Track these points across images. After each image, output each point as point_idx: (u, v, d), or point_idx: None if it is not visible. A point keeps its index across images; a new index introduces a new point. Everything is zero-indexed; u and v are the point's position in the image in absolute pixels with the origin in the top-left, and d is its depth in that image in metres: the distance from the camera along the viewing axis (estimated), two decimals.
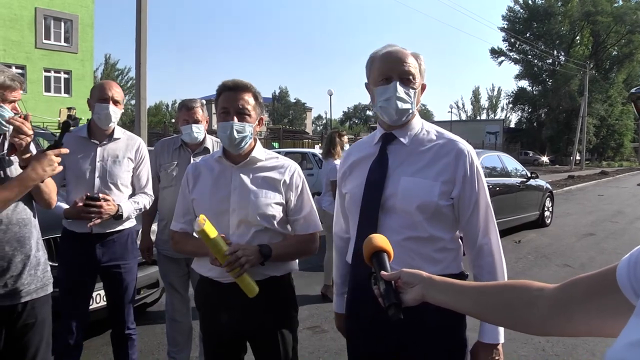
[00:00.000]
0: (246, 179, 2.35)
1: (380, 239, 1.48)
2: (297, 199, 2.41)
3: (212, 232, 2.11)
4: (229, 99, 2.30)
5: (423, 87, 2.04)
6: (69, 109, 15.39)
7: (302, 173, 2.48)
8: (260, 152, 2.41)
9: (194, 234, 2.16)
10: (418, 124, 2.04)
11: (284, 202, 2.37)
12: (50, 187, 2.48)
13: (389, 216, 1.93)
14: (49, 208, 2.58)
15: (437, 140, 1.99)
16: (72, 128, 2.69)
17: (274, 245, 2.28)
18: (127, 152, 3.43)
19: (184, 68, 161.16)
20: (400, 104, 1.93)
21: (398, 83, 1.92)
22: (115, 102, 3.29)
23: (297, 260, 2.48)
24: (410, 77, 1.94)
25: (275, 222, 2.34)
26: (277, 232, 2.37)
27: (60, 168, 2.37)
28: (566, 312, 1.06)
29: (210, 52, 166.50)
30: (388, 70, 1.94)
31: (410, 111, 1.97)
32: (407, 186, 1.91)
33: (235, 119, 2.28)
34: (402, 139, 2.00)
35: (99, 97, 3.27)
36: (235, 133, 2.27)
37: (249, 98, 2.33)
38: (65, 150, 2.37)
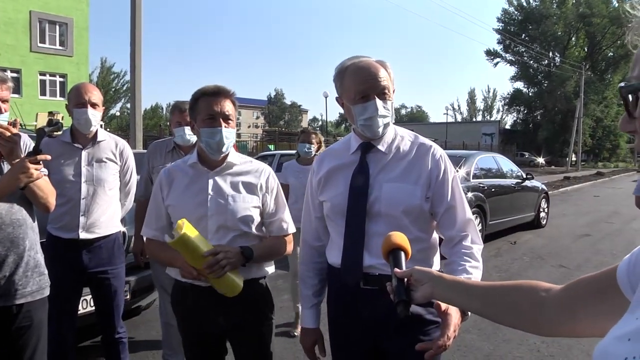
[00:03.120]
0: (223, 184, 2.36)
1: (399, 237, 1.50)
2: (273, 202, 2.45)
3: (192, 233, 2.12)
4: (214, 104, 2.30)
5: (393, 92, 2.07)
6: (51, 113, 15.04)
7: (275, 176, 2.51)
8: (235, 157, 2.43)
9: (172, 239, 2.12)
10: (392, 130, 2.08)
11: (260, 205, 2.40)
12: (46, 191, 2.44)
13: (375, 222, 1.98)
14: (47, 212, 2.55)
15: (411, 146, 2.06)
16: (56, 133, 2.60)
17: (255, 247, 2.31)
18: (112, 154, 3.41)
19: (180, 70, 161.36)
20: (382, 121, 1.98)
21: (378, 102, 1.95)
22: (94, 105, 3.25)
23: (272, 263, 2.51)
24: (387, 91, 1.98)
25: (253, 226, 2.36)
26: (255, 236, 2.39)
27: (39, 175, 2.32)
28: (571, 313, 1.07)
29: (206, 54, 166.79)
30: (365, 88, 1.96)
31: (391, 123, 2.04)
32: (391, 192, 1.97)
33: (223, 125, 2.30)
34: (380, 147, 2.04)
35: (75, 102, 3.24)
36: (224, 139, 2.30)
37: (230, 104, 2.35)
38: (44, 157, 2.31)
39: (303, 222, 2.29)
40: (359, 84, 1.96)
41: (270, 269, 2.50)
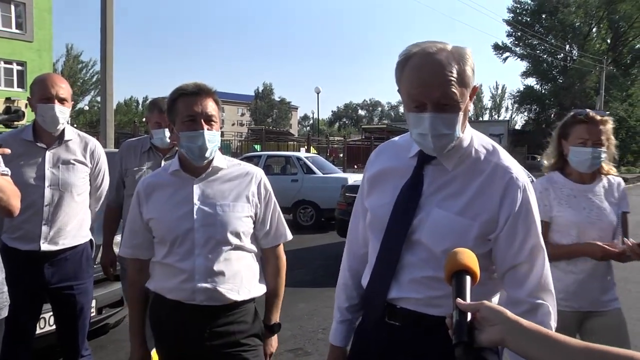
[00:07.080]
0: (210, 192, 2.34)
1: (467, 256, 1.32)
2: (266, 210, 2.44)
3: None
4: (194, 104, 2.27)
5: (474, 91, 1.78)
6: (9, 99, 14.87)
7: (267, 180, 2.50)
8: (221, 160, 2.41)
9: None
10: (466, 141, 1.80)
11: (253, 214, 2.38)
12: (7, 193, 2.36)
13: (411, 251, 1.79)
14: (10, 216, 2.49)
15: (484, 165, 1.78)
16: (16, 123, 2.48)
17: (276, 308, 2.61)
18: (81, 155, 3.34)
19: (157, 61, 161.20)
20: (438, 141, 1.71)
21: (433, 116, 1.68)
22: (62, 101, 3.18)
23: (263, 285, 2.51)
24: (452, 101, 1.68)
25: (246, 239, 2.36)
26: (247, 250, 2.39)
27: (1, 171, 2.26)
28: None
29: (187, 44, 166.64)
30: (420, 95, 1.69)
31: (455, 139, 1.74)
32: (439, 220, 1.75)
33: (206, 127, 2.27)
34: (443, 162, 1.80)
35: (40, 96, 3.15)
36: (207, 143, 2.27)
37: (213, 103, 2.32)
38: (2, 150, 2.27)
39: (350, 225, 2.13)
40: (414, 86, 1.70)
41: (260, 291, 2.48)
